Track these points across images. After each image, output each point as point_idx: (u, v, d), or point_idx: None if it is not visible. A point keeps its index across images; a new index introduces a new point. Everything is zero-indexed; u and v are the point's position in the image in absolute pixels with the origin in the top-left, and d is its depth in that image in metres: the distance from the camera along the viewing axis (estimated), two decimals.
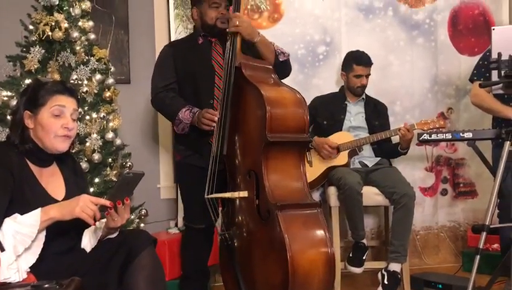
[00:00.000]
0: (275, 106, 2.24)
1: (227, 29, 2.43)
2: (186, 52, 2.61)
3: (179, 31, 3.42)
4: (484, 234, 2.22)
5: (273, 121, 2.21)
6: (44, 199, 1.72)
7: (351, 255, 3.08)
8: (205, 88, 2.53)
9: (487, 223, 2.23)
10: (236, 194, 2.34)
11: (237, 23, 2.40)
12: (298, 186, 2.29)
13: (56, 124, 1.76)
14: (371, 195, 3.09)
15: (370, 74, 3.31)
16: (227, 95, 2.36)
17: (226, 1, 2.57)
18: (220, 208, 2.52)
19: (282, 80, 2.55)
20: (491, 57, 2.32)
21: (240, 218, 2.38)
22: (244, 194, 2.31)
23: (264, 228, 2.20)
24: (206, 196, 2.36)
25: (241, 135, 2.38)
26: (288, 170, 2.29)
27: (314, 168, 3.23)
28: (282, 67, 2.58)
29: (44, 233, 1.67)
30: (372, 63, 3.29)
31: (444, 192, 3.73)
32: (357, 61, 3.27)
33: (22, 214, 1.63)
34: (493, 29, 2.37)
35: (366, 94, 3.40)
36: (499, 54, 2.26)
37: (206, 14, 2.59)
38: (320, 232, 2.19)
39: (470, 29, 3.73)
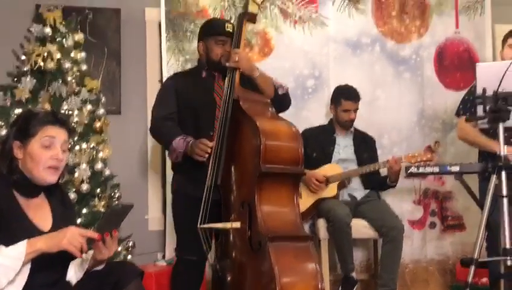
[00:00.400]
0: (270, 137, 2.27)
1: (227, 64, 2.50)
2: (189, 85, 2.65)
3: (171, 63, 3.46)
4: (473, 267, 2.23)
5: (267, 152, 2.23)
6: (30, 231, 1.70)
7: (340, 288, 3.06)
8: (206, 121, 2.56)
9: (476, 257, 2.24)
10: (228, 225, 2.34)
11: (236, 59, 2.48)
12: (291, 219, 2.29)
13: (45, 155, 1.75)
14: (360, 228, 3.10)
15: (358, 108, 3.35)
16: (224, 126, 2.40)
17: (230, 39, 2.63)
18: (213, 240, 2.50)
19: (281, 113, 2.61)
20: (476, 92, 2.38)
21: (232, 249, 2.37)
22: (236, 225, 2.31)
23: (255, 260, 2.19)
24: (199, 226, 2.35)
25: (236, 166, 2.40)
26: (282, 201, 2.30)
27: (304, 200, 3.22)
28: (282, 101, 2.65)
29: (29, 265, 1.64)
30: (360, 98, 3.34)
31: (433, 225, 3.74)
32: (345, 96, 3.32)
33: (7, 246, 1.61)
34: (477, 65, 2.44)
35: (354, 127, 3.44)
36: (484, 90, 2.32)
37: (211, 50, 2.64)
38: (311, 266, 2.18)
39: (456, 65, 3.82)
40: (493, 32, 3.89)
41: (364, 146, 3.41)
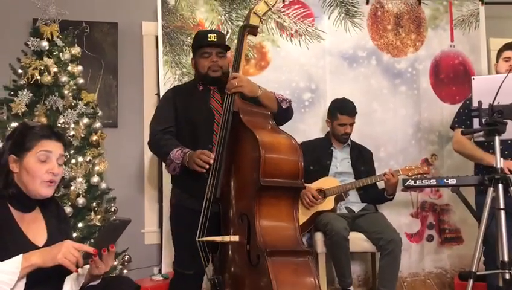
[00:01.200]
0: (270, 150, 2.26)
1: (228, 92, 2.47)
2: (187, 98, 2.64)
3: (168, 76, 3.47)
4: (471, 281, 2.22)
5: (266, 165, 2.22)
6: (24, 246, 1.68)
7: None
8: (204, 134, 2.55)
9: (474, 270, 2.23)
10: (227, 238, 2.32)
11: (236, 84, 2.46)
12: (290, 233, 2.27)
13: (41, 169, 1.74)
14: (358, 241, 3.08)
15: (354, 122, 3.36)
16: (224, 138, 2.38)
17: (217, 49, 2.62)
18: (211, 254, 2.48)
19: (284, 124, 2.62)
20: (471, 105, 2.39)
21: (230, 263, 2.36)
22: (235, 238, 2.29)
23: (253, 274, 2.17)
24: (197, 239, 2.33)
25: (235, 179, 2.39)
26: (281, 215, 2.28)
27: (301, 214, 3.19)
28: (285, 114, 2.66)
29: (24, 280, 1.62)
30: (356, 112, 3.35)
31: (430, 238, 3.73)
32: (341, 110, 3.33)
33: (1, 261, 1.59)
34: (473, 78, 2.45)
35: (351, 140, 3.44)
36: (480, 103, 2.33)
37: (198, 64, 2.65)
38: (310, 281, 2.16)
39: (451, 78, 3.84)
40: (488, 45, 3.94)
41: (362, 159, 3.41)
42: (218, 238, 2.34)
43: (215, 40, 2.62)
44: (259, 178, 2.20)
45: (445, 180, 2.46)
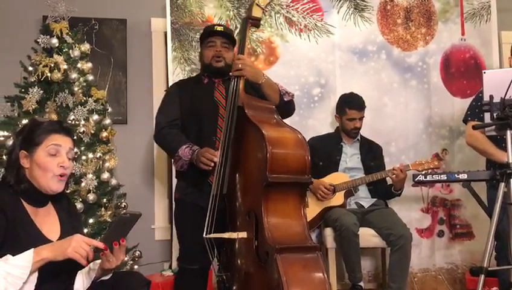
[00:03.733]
0: (276, 146, 2.23)
1: (231, 73, 2.46)
2: (192, 91, 2.64)
3: (177, 73, 3.47)
4: (482, 277, 2.20)
5: (273, 162, 2.19)
6: (38, 240, 1.70)
7: None
8: (208, 126, 2.54)
9: (485, 266, 2.21)
10: (235, 235, 2.31)
11: (240, 66, 2.44)
12: (298, 229, 2.25)
13: (52, 163, 1.76)
14: (368, 236, 3.07)
15: (364, 116, 3.34)
16: (229, 134, 2.37)
17: (223, 39, 2.61)
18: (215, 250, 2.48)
19: (284, 120, 2.57)
20: (483, 99, 2.36)
21: (238, 259, 2.35)
22: (243, 235, 2.28)
23: (262, 270, 2.16)
24: (204, 236, 2.32)
25: (241, 175, 2.37)
26: (289, 211, 2.26)
27: (310, 209, 3.21)
28: (287, 107, 2.62)
29: (36, 275, 1.64)
30: (365, 106, 3.33)
31: (441, 233, 3.71)
32: (349, 105, 3.31)
33: (15, 255, 1.61)
34: (484, 72, 2.42)
35: (361, 135, 3.43)
36: (491, 97, 2.31)
37: (203, 54, 2.65)
38: (319, 277, 2.14)
39: (462, 72, 3.81)
40: (499, 38, 3.89)
41: (371, 154, 3.39)
42: (225, 235, 2.33)
43: (221, 29, 2.64)
44: (267, 174, 2.18)
45: (456, 175, 2.43)
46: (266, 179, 2.18)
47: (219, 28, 2.65)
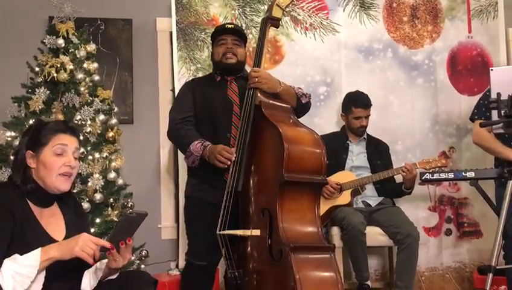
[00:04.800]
0: (293, 145, 2.25)
1: (248, 87, 2.48)
2: (205, 88, 2.66)
3: (182, 72, 3.48)
4: (491, 275, 2.18)
5: (290, 160, 2.21)
6: (44, 240, 1.71)
7: None
8: (222, 124, 2.56)
9: (493, 265, 2.19)
10: (248, 232, 2.32)
11: (256, 80, 2.47)
12: (312, 229, 2.27)
13: (58, 162, 1.76)
14: (375, 235, 3.06)
15: (370, 115, 3.33)
16: (246, 132, 2.38)
17: (233, 36, 2.63)
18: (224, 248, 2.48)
19: (301, 117, 2.62)
20: (490, 97, 2.34)
21: (251, 257, 2.35)
22: (256, 232, 2.29)
23: (275, 269, 2.17)
24: (218, 232, 2.33)
25: (257, 173, 2.38)
26: (303, 211, 2.27)
27: None
28: (304, 109, 2.67)
29: (43, 274, 1.65)
30: (371, 105, 3.32)
31: (448, 232, 3.69)
32: (355, 103, 3.30)
33: (21, 255, 1.62)
34: (491, 70, 2.41)
35: (367, 134, 3.41)
36: (498, 94, 2.29)
37: (214, 52, 2.68)
38: (332, 277, 2.16)
39: (469, 70, 3.78)
40: (507, 35, 3.85)
41: (378, 153, 3.38)
42: (239, 232, 2.34)
43: (232, 27, 2.68)
44: (283, 173, 2.19)
45: (463, 174, 2.42)
46: (282, 177, 2.19)
47: (230, 26, 2.69)
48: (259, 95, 2.46)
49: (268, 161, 2.33)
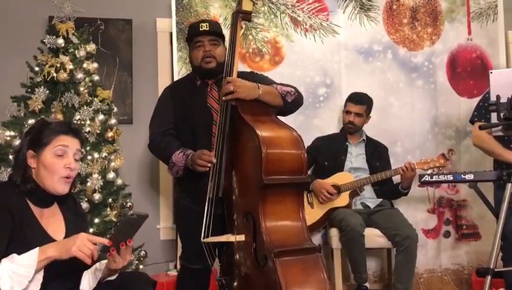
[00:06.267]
0: (271, 146, 2.16)
1: (223, 98, 2.33)
2: (185, 95, 2.56)
3: (182, 72, 3.47)
4: (489, 277, 2.18)
5: (269, 163, 2.13)
6: (44, 240, 1.70)
7: None
8: (203, 134, 2.46)
9: (492, 267, 2.19)
10: (232, 238, 2.27)
11: (231, 88, 2.29)
12: (296, 230, 2.20)
13: (59, 164, 1.76)
14: (374, 237, 3.06)
15: (361, 114, 3.31)
16: (222, 139, 2.30)
17: (210, 36, 2.48)
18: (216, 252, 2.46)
19: (287, 116, 2.50)
20: (490, 99, 2.34)
21: (237, 263, 2.31)
22: (240, 238, 2.24)
23: (261, 273, 2.13)
24: (202, 240, 2.28)
25: (237, 177, 2.32)
26: (286, 213, 2.21)
27: (316, 210, 3.21)
28: (294, 106, 2.51)
29: (42, 273, 1.64)
30: (364, 103, 3.32)
31: (447, 234, 3.69)
32: (349, 98, 3.36)
33: (20, 255, 1.61)
34: (491, 72, 2.40)
35: (366, 135, 3.42)
36: (498, 97, 2.29)
37: (193, 56, 2.54)
38: (319, 277, 2.10)
39: (468, 72, 3.78)
40: (506, 38, 3.86)
41: (377, 155, 3.38)
42: (223, 238, 2.29)
43: (207, 28, 2.48)
44: (262, 176, 2.11)
45: (462, 176, 2.41)
46: (262, 181, 2.11)
47: (204, 27, 2.49)
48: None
49: (247, 164, 2.25)
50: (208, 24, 2.51)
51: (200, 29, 2.49)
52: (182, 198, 2.57)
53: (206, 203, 2.29)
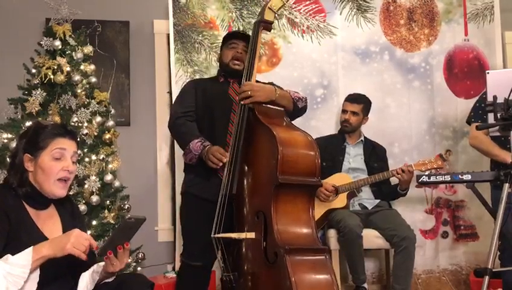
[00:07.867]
0: (287, 147, 2.25)
1: (241, 102, 2.44)
2: (207, 86, 2.70)
3: (179, 74, 3.48)
4: (487, 278, 2.19)
5: (284, 163, 2.21)
6: (40, 242, 1.70)
7: None
8: (220, 120, 2.57)
9: (490, 267, 2.20)
10: (243, 235, 2.31)
11: (249, 93, 2.42)
12: (307, 231, 2.26)
13: (56, 166, 1.76)
14: (372, 238, 3.06)
15: (357, 113, 3.31)
16: (240, 135, 2.38)
17: (244, 42, 2.65)
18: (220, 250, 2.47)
19: (296, 119, 2.62)
20: (487, 100, 2.35)
21: (246, 260, 2.35)
22: (251, 235, 2.29)
23: (270, 271, 2.17)
24: (212, 235, 2.33)
25: (251, 175, 2.38)
26: (298, 213, 2.27)
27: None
28: (300, 112, 2.67)
29: (38, 273, 1.63)
30: (360, 102, 3.33)
31: (445, 234, 3.70)
32: (346, 98, 3.38)
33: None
34: (487, 73, 2.41)
35: (364, 136, 3.42)
36: (494, 97, 2.29)
37: (223, 54, 2.71)
38: (327, 279, 2.15)
39: (465, 73, 3.79)
40: (503, 39, 3.88)
41: (375, 156, 3.38)
42: (234, 235, 2.34)
43: (244, 33, 2.75)
44: (277, 175, 2.19)
45: (459, 176, 2.42)
46: (276, 179, 2.19)
47: (242, 33, 2.76)
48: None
49: (262, 163, 2.33)
50: (244, 32, 2.84)
51: (239, 31, 2.79)
52: (191, 186, 2.60)
53: (219, 199, 2.35)
